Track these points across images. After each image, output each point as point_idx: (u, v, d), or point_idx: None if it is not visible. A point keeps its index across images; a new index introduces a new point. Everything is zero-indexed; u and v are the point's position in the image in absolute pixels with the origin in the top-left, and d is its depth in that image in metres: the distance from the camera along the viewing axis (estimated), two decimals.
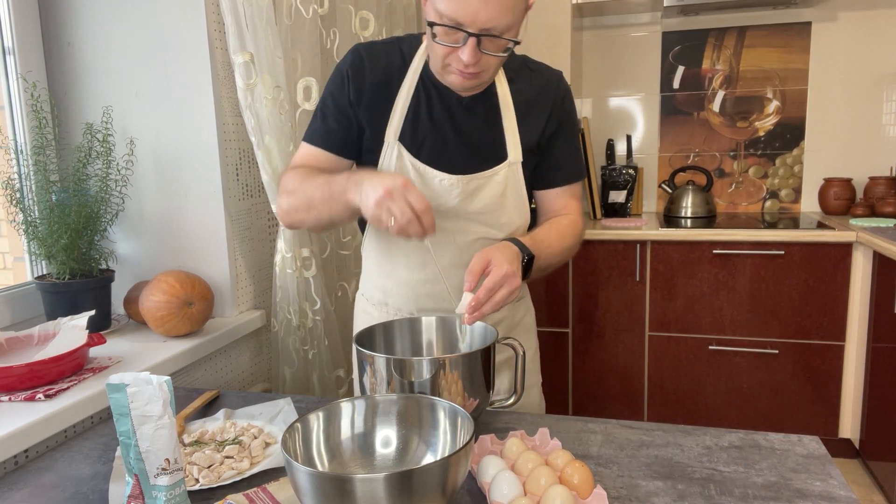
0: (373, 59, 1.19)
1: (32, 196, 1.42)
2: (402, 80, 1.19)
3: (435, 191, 1.19)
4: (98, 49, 1.57)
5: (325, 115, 1.22)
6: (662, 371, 2.70)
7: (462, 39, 1.02)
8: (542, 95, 1.23)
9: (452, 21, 1.01)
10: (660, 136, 3.13)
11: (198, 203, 1.59)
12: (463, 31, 1.01)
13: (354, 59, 1.19)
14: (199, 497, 0.88)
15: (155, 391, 0.77)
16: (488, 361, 0.99)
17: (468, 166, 1.19)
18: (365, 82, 1.18)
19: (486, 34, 1.02)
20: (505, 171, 1.21)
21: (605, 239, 2.64)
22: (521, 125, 1.21)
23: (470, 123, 1.20)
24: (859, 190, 2.93)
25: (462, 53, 1.03)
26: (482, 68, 1.08)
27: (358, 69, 1.19)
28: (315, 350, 1.75)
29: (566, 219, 1.27)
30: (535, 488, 0.82)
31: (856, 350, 2.50)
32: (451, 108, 1.19)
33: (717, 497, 0.85)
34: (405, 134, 1.19)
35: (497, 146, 1.21)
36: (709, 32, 3.00)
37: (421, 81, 1.19)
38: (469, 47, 1.02)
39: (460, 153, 1.20)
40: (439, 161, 1.19)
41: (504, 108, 1.21)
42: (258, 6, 1.51)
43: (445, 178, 1.18)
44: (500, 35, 1.03)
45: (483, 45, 1.03)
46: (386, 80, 1.19)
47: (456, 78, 1.10)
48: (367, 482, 0.67)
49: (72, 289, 1.41)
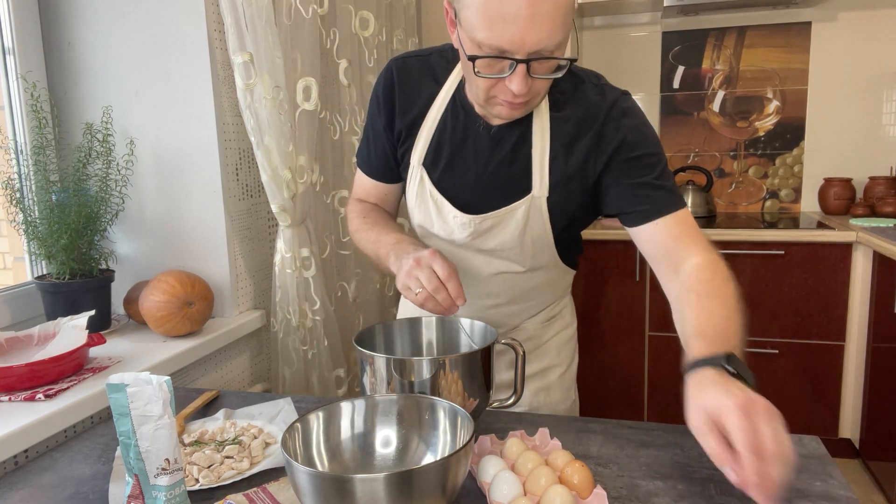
0: (403, 77, 1.13)
1: (32, 196, 1.42)
2: (433, 100, 1.11)
3: (449, 224, 1.13)
4: (98, 49, 1.57)
5: (367, 140, 1.21)
6: (662, 371, 2.70)
7: (508, 68, 0.90)
8: (585, 124, 1.06)
9: (496, 50, 0.88)
10: (660, 135, 3.13)
11: (198, 203, 1.59)
12: (509, 59, 0.89)
13: (386, 81, 1.14)
14: (199, 497, 0.88)
15: (155, 391, 0.77)
16: (488, 361, 0.99)
17: (486, 201, 1.10)
18: (396, 106, 1.14)
19: (536, 58, 0.89)
20: (526, 207, 1.09)
21: (605, 239, 2.64)
22: (553, 156, 1.07)
23: (496, 154, 1.09)
24: (859, 190, 2.93)
25: (511, 84, 0.91)
26: (532, 95, 0.96)
27: (389, 91, 1.14)
28: (315, 350, 1.75)
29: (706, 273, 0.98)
30: (534, 488, 0.82)
31: (856, 350, 2.50)
32: (477, 137, 1.09)
33: (717, 497, 0.85)
34: (428, 158, 1.13)
35: (521, 179, 1.08)
36: (709, 32, 3.00)
37: (451, 104, 1.10)
38: (518, 76, 0.90)
39: (480, 186, 1.10)
40: (457, 193, 1.12)
41: (538, 135, 1.06)
42: (258, 6, 1.51)
43: (458, 215, 1.11)
44: (551, 55, 0.90)
45: (533, 70, 0.91)
46: (416, 99, 1.12)
47: (503, 109, 0.99)
48: (367, 482, 0.67)
49: (72, 289, 1.41)
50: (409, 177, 1.16)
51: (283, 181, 1.61)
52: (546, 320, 1.32)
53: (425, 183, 1.13)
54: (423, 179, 1.13)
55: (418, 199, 1.16)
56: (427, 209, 1.15)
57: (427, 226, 1.17)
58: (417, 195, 1.15)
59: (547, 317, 1.32)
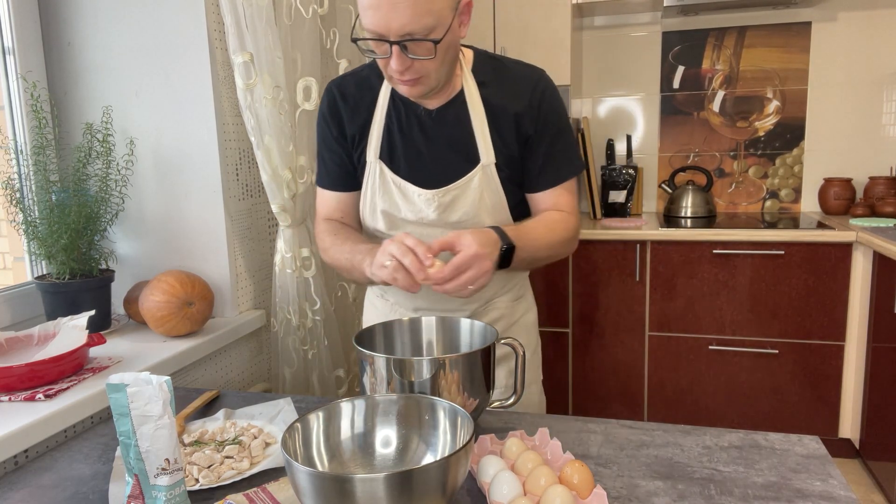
0: (344, 91, 1.26)
1: (32, 196, 1.42)
2: (376, 102, 1.23)
3: (416, 205, 1.23)
4: (98, 49, 1.57)
5: (322, 159, 1.31)
6: (662, 371, 2.70)
7: (388, 49, 1.04)
8: (515, 100, 1.21)
9: (374, 34, 1.02)
10: (660, 136, 3.13)
11: (198, 203, 1.59)
12: (386, 42, 1.03)
13: (329, 99, 1.27)
14: (199, 497, 0.88)
15: (155, 391, 0.77)
16: (488, 361, 0.99)
17: (443, 177, 1.22)
18: (343, 116, 1.25)
19: (408, 39, 1.02)
20: (479, 175, 1.21)
21: (605, 239, 2.64)
22: (493, 129, 1.21)
23: (441, 134, 1.22)
24: (859, 190, 2.93)
25: (391, 63, 1.06)
26: (419, 73, 1.08)
27: (333, 106, 1.26)
28: (315, 350, 1.75)
29: (557, 214, 1.25)
30: (534, 488, 0.82)
31: (856, 350, 2.50)
32: (421, 122, 1.22)
33: (717, 497, 0.85)
34: (384, 152, 1.24)
35: (469, 151, 1.21)
36: (709, 32, 3.00)
37: (392, 100, 1.23)
38: (395, 56, 1.04)
39: (434, 165, 1.22)
40: (416, 175, 1.23)
41: (474, 112, 1.20)
42: (258, 6, 1.51)
43: (423, 192, 1.22)
44: (424, 37, 1.02)
45: (409, 51, 1.04)
46: (361, 106, 1.24)
47: (402, 87, 1.12)
48: (367, 482, 0.67)
49: (72, 289, 1.41)
50: (367, 174, 1.26)
51: (284, 181, 1.61)
52: (515, 299, 1.38)
53: (385, 173, 1.24)
54: (382, 171, 1.24)
55: (382, 190, 1.25)
56: (392, 196, 1.24)
57: (394, 212, 1.25)
58: (380, 186, 1.24)
59: (515, 296, 1.38)
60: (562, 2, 2.69)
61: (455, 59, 1.15)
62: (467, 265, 1.01)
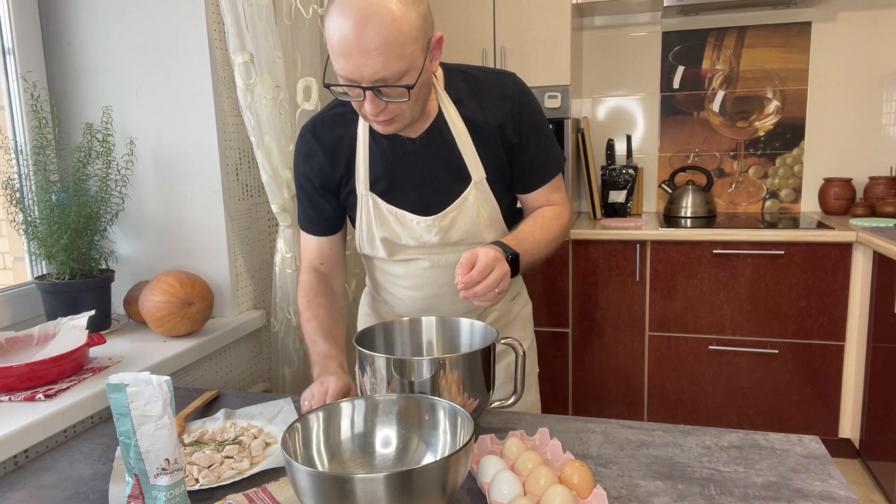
0: (318, 135, 1.24)
1: (32, 196, 1.42)
2: (356, 138, 1.22)
3: (415, 231, 1.23)
4: (98, 49, 1.57)
5: (302, 204, 1.30)
6: (662, 371, 2.70)
7: (361, 94, 1.04)
8: (494, 111, 1.21)
9: (346, 80, 1.02)
10: (660, 136, 3.13)
11: (198, 203, 1.59)
12: (357, 87, 1.02)
13: (305, 146, 1.25)
14: (199, 497, 0.88)
15: (155, 391, 0.77)
16: (488, 361, 0.99)
17: (438, 201, 1.22)
18: (322, 161, 1.24)
19: (382, 85, 1.02)
20: (473, 192, 1.22)
21: (605, 239, 2.64)
22: (478, 145, 1.21)
23: (427, 159, 1.21)
24: (859, 190, 2.93)
25: (364, 107, 1.05)
26: (394, 113, 1.08)
27: (310, 154, 1.25)
28: None
29: (549, 210, 1.27)
30: (534, 488, 0.82)
31: (856, 350, 2.50)
32: (406, 151, 1.20)
33: (717, 497, 0.85)
34: (374, 184, 1.22)
35: (459, 170, 1.21)
36: (709, 32, 3.00)
37: (371, 134, 1.21)
38: (368, 101, 1.03)
39: (426, 190, 1.21)
40: (410, 203, 1.22)
41: (456, 132, 1.19)
42: (258, 6, 1.51)
43: (422, 220, 1.22)
44: (396, 83, 1.02)
45: (383, 94, 1.03)
46: (339, 146, 1.23)
47: (379, 126, 1.11)
48: (367, 482, 0.67)
49: (72, 289, 1.41)
50: (360, 207, 1.24)
51: (284, 181, 1.61)
52: (511, 298, 1.39)
53: (380, 205, 1.23)
54: (377, 203, 1.23)
55: (378, 221, 1.24)
56: (390, 226, 1.24)
57: (394, 239, 1.25)
58: (376, 218, 1.24)
59: (511, 294, 1.39)
60: (562, 2, 2.69)
61: (429, 93, 1.14)
62: (491, 266, 1.03)
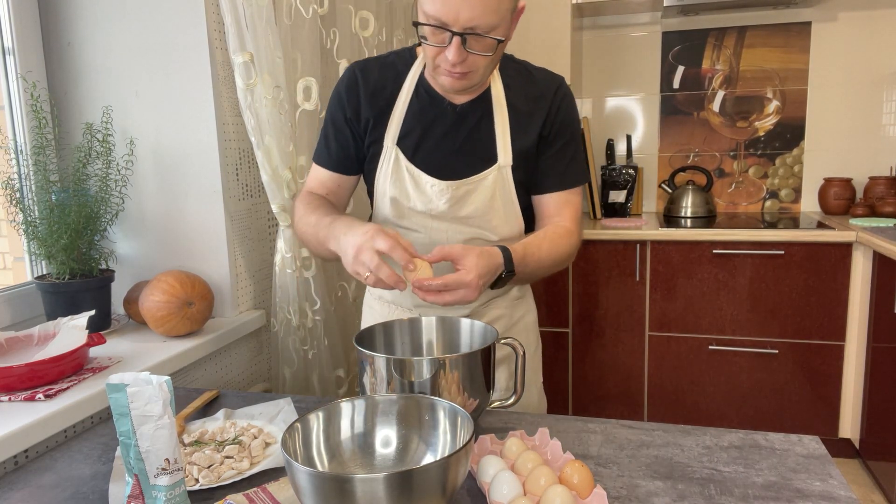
0: (366, 74, 1.25)
1: (32, 196, 1.42)
2: (400, 89, 1.23)
3: (427, 195, 1.23)
4: (98, 49, 1.57)
5: (326, 137, 1.29)
6: (662, 371, 2.70)
7: (447, 39, 1.05)
8: (537, 103, 1.24)
9: (437, 21, 1.03)
10: (660, 136, 3.13)
11: (198, 203, 1.59)
12: (448, 31, 1.04)
13: (349, 78, 1.25)
14: (199, 497, 0.88)
15: (155, 391, 0.77)
16: (488, 361, 0.99)
17: (459, 171, 1.22)
18: (360, 98, 1.24)
19: (471, 33, 1.04)
20: (494, 175, 1.22)
21: (605, 239, 2.64)
22: (514, 130, 1.22)
23: (463, 129, 1.22)
24: (859, 190, 2.93)
25: (448, 52, 1.06)
26: (470, 68, 1.10)
27: (352, 87, 1.25)
28: (315, 350, 1.75)
29: (563, 228, 1.25)
30: (534, 488, 0.82)
31: (856, 350, 2.50)
32: (445, 114, 1.22)
33: (717, 497, 0.85)
34: (402, 139, 1.24)
35: (488, 150, 1.23)
36: (709, 32, 3.00)
37: (416, 90, 1.23)
38: (454, 46, 1.05)
39: (452, 158, 1.22)
40: (431, 165, 1.23)
41: (497, 111, 1.22)
42: (258, 6, 1.51)
43: (436, 183, 1.22)
44: (486, 34, 1.04)
45: (468, 45, 1.05)
46: (382, 91, 1.24)
47: (446, 79, 1.13)
48: (367, 482, 0.67)
49: (72, 289, 1.41)
50: (382, 159, 1.25)
51: (284, 181, 1.61)
52: (515, 299, 1.38)
53: (401, 160, 1.24)
54: (398, 157, 1.24)
55: (394, 177, 1.24)
56: (403, 184, 1.24)
57: (403, 200, 1.25)
58: (393, 172, 1.24)
59: (515, 296, 1.38)
60: (562, 2, 2.69)
61: (499, 61, 1.17)
62: (456, 287, 1.01)
